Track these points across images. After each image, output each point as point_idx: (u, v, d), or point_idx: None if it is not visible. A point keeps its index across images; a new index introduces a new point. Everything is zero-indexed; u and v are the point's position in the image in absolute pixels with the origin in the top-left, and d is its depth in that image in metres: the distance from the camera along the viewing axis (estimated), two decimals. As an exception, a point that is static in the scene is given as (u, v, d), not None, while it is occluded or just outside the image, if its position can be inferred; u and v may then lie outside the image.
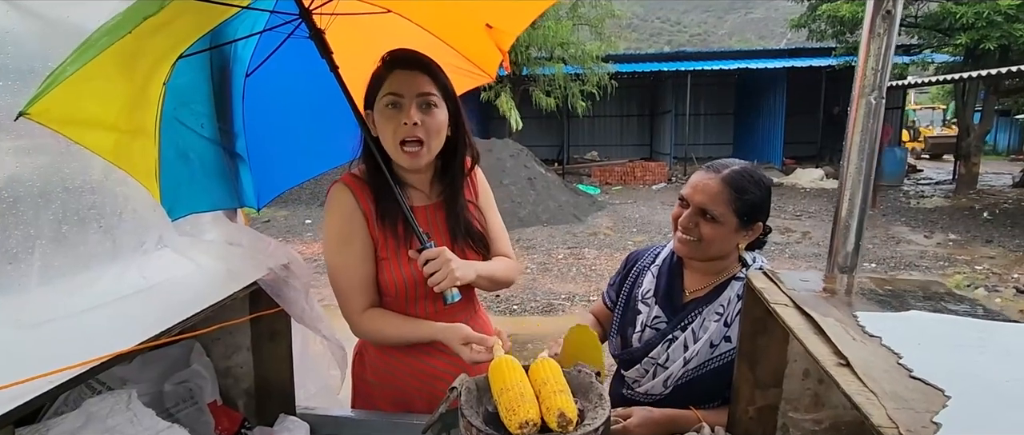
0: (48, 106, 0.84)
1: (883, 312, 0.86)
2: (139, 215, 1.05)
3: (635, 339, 1.31)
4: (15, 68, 0.87)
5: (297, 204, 10.71)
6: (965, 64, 11.43)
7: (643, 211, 10.32)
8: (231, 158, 1.32)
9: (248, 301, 1.25)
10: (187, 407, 1.21)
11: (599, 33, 13.91)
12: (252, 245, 1.21)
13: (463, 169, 1.34)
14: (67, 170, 0.95)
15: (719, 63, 16.10)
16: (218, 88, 1.26)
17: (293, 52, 1.28)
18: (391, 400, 1.34)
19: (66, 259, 0.92)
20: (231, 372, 1.32)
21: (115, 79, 0.95)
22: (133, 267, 1.02)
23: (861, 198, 1.07)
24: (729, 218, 1.20)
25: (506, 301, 5.30)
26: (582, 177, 14.74)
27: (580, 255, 7.08)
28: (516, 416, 0.77)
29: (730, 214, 1.20)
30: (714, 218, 1.21)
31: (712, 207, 1.20)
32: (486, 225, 1.39)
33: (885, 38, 1.01)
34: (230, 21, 1.20)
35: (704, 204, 1.21)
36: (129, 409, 0.93)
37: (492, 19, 1.36)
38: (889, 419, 0.58)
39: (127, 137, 1.00)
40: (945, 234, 8.03)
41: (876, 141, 1.05)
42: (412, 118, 1.17)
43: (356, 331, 1.28)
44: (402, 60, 1.21)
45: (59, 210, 0.92)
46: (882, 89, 1.03)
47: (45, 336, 0.82)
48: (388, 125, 1.19)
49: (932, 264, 6.47)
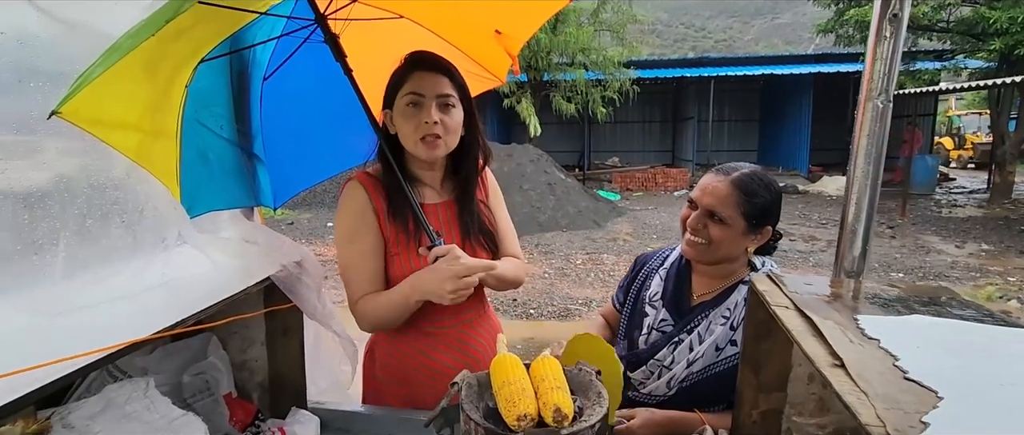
0: (77, 106, 0.89)
1: (885, 315, 0.86)
2: (159, 212, 1.10)
3: (641, 341, 1.32)
4: (46, 70, 0.93)
5: (320, 207, 10.90)
6: (999, 70, 11.09)
7: (663, 217, 10.23)
8: (249, 158, 1.37)
9: (263, 296, 1.29)
10: (204, 398, 1.25)
11: (621, 38, 13.86)
12: (267, 243, 1.25)
13: (476, 168, 1.37)
14: (92, 167, 1.00)
15: (744, 69, 15.90)
16: (237, 91, 1.31)
17: (309, 56, 1.33)
18: (400, 396, 1.36)
19: (89, 252, 0.97)
20: (246, 365, 1.37)
21: (139, 82, 1.00)
22: (153, 262, 1.07)
23: (868, 202, 1.06)
24: (737, 221, 1.20)
25: (523, 305, 5.31)
26: (602, 183, 14.68)
27: (599, 260, 7.06)
28: (514, 409, 0.78)
29: (738, 217, 1.20)
30: (722, 220, 1.21)
31: (720, 209, 1.20)
32: (495, 224, 1.41)
33: (892, 41, 1.00)
34: (249, 26, 1.25)
35: (712, 206, 1.21)
36: (147, 397, 0.97)
37: (501, 25, 1.39)
38: (878, 418, 0.58)
39: (149, 137, 1.05)
40: (978, 244, 7.78)
41: (883, 145, 1.04)
42: (433, 117, 1.21)
43: (357, 317, 1.29)
44: (423, 62, 1.26)
45: (84, 205, 0.97)
46: (889, 92, 1.02)
47: (68, 325, 0.86)
48: (408, 123, 1.23)
49: (963, 275, 6.28)
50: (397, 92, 1.26)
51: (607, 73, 13.29)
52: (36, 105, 0.91)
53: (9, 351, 0.72)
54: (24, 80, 0.93)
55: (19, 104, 0.93)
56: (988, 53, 10.52)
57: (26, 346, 0.75)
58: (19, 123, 0.93)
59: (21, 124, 0.93)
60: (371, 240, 1.27)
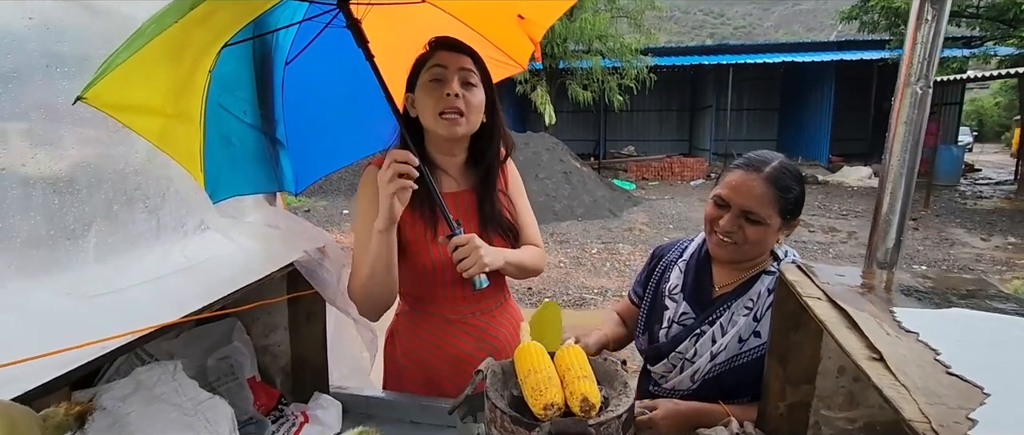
0: (101, 91, 0.89)
1: (922, 308, 0.83)
2: (181, 197, 1.11)
3: (662, 335, 1.30)
4: (71, 55, 0.93)
5: (336, 195, 10.97)
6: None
7: (680, 207, 10.14)
8: (272, 144, 1.37)
9: (286, 282, 1.29)
10: (228, 381, 1.27)
11: (638, 25, 13.68)
12: (290, 228, 1.25)
13: (498, 157, 1.35)
14: (115, 153, 1.01)
15: (763, 56, 15.63)
16: (260, 76, 1.31)
17: (331, 42, 1.32)
18: (421, 382, 1.37)
19: (116, 237, 0.98)
20: (269, 350, 1.38)
21: (163, 67, 1.00)
22: (176, 247, 1.08)
23: (903, 192, 1.03)
24: (774, 219, 1.16)
25: (538, 294, 5.31)
26: (618, 172, 14.58)
27: (614, 250, 7.02)
28: (541, 398, 0.78)
29: (775, 215, 1.16)
30: (759, 220, 1.16)
31: (758, 209, 1.15)
32: (515, 214, 1.40)
33: (934, 25, 0.96)
34: (272, 11, 1.24)
35: (749, 207, 1.15)
36: (174, 379, 0.98)
37: (524, 10, 1.37)
38: (921, 414, 0.56)
39: (173, 122, 1.05)
40: (1004, 237, 7.60)
41: (922, 133, 1.01)
42: (454, 89, 1.21)
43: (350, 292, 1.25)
44: (446, 43, 1.27)
45: (110, 191, 0.98)
46: (929, 78, 0.98)
47: (99, 307, 0.87)
48: (430, 98, 1.23)
49: (989, 267, 6.14)
50: (420, 72, 1.26)
51: (624, 60, 13.14)
52: (62, 91, 0.92)
53: (47, 333, 0.73)
54: (51, 66, 0.93)
55: (45, 90, 0.94)
56: (1020, 40, 10.19)
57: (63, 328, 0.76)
58: (47, 109, 0.94)
59: (50, 111, 0.94)
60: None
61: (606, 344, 1.40)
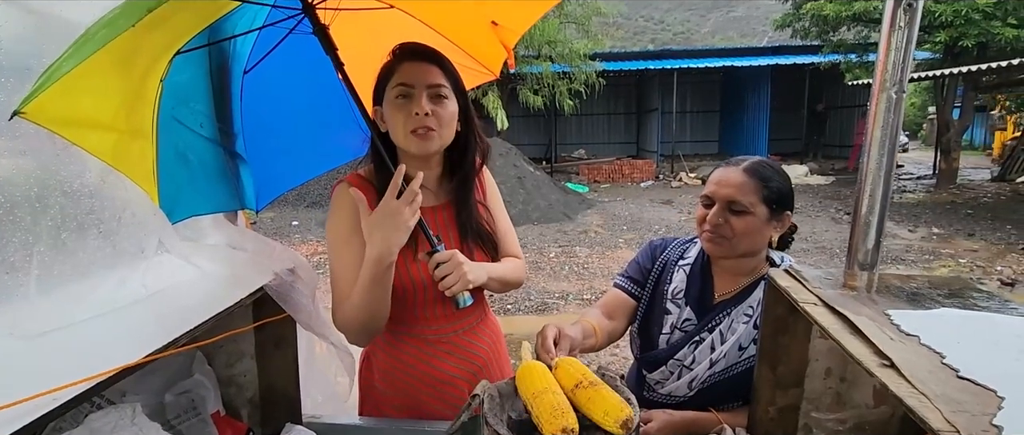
0: (44, 105, 0.79)
1: (913, 309, 0.85)
2: (138, 219, 1.01)
3: (663, 341, 1.28)
4: (10, 66, 0.82)
5: (284, 205, 10.57)
6: (944, 61, 11.63)
7: (632, 209, 10.34)
8: (231, 158, 1.28)
9: (252, 308, 1.20)
10: (189, 418, 1.16)
11: (586, 31, 13.90)
12: (257, 249, 1.16)
13: (474, 167, 1.30)
14: (64, 173, 0.90)
15: (705, 61, 16.20)
16: (217, 86, 1.22)
17: (292, 49, 1.24)
18: (400, 406, 1.30)
19: (65, 267, 0.87)
20: (234, 381, 1.28)
21: (112, 76, 0.90)
22: (134, 273, 0.97)
23: (882, 194, 1.06)
24: (759, 208, 1.18)
25: (500, 301, 5.26)
26: (570, 175, 14.75)
27: (572, 253, 7.07)
28: (558, 421, 0.74)
29: (759, 203, 1.18)
30: (744, 210, 1.17)
31: (740, 197, 1.17)
32: (494, 225, 1.35)
33: (906, 31, 0.99)
34: (229, 16, 1.15)
35: (732, 196, 1.18)
36: (134, 424, 0.88)
37: (498, 16, 1.33)
38: (948, 423, 0.56)
39: (125, 138, 0.95)
40: (928, 228, 8.16)
41: (897, 136, 1.04)
42: (423, 108, 1.13)
43: (340, 325, 1.18)
44: (412, 52, 1.19)
45: (57, 215, 0.87)
46: (903, 83, 1.01)
47: (45, 347, 0.77)
48: (398, 116, 1.16)
49: (918, 258, 6.56)
50: (386, 86, 1.19)
51: (573, 65, 13.31)
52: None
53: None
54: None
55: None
56: (933, 45, 11.02)
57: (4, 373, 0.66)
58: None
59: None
60: (363, 245, 1.19)
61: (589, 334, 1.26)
